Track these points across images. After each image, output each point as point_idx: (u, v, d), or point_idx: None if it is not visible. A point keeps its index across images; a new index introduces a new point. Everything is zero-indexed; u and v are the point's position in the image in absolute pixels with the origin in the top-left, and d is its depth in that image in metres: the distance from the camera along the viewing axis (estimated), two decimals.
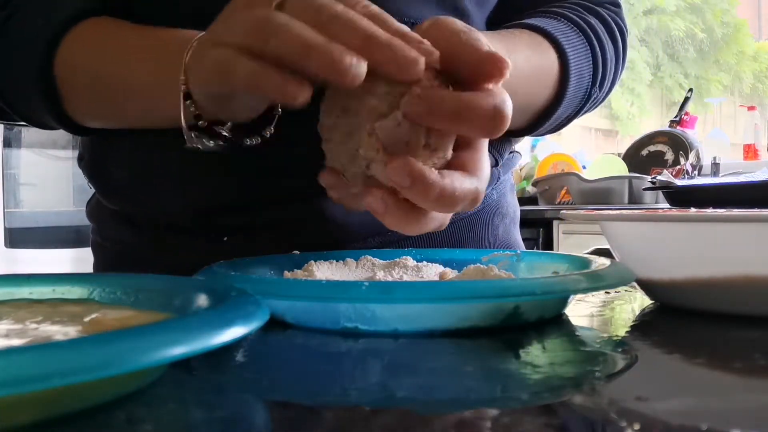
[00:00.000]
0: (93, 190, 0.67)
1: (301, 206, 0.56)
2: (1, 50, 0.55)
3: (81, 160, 0.65)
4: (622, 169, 2.72)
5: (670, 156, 2.75)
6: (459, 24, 0.40)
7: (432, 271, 0.46)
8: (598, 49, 0.60)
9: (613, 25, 0.64)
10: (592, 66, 0.60)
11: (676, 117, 2.90)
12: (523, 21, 0.59)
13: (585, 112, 0.65)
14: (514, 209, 0.73)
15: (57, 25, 0.52)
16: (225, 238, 0.57)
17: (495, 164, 0.66)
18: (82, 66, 0.52)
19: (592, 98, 0.62)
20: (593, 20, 0.62)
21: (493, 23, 0.64)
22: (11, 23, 0.54)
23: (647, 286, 0.44)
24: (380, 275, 0.44)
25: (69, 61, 0.52)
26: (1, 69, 0.55)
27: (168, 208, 0.59)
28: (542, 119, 0.60)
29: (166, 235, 0.60)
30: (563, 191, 2.64)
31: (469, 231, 0.65)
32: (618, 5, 0.67)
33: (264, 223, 0.57)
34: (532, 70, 0.56)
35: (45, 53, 0.52)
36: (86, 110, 0.55)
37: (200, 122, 0.45)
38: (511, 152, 0.70)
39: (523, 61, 0.54)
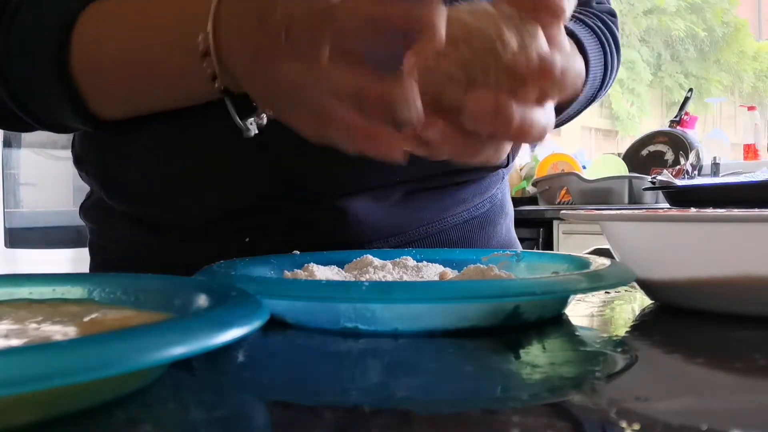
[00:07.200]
0: (88, 191, 0.66)
1: (321, 207, 0.56)
2: (11, 48, 0.52)
3: (80, 163, 0.63)
4: (622, 169, 2.72)
5: (670, 156, 2.75)
6: None
7: (432, 271, 0.46)
8: (609, 55, 0.63)
9: (613, 34, 0.66)
10: (603, 70, 0.63)
11: (676, 117, 2.89)
12: None
13: (580, 113, 0.67)
14: (511, 208, 0.74)
15: (66, 13, 0.51)
16: (247, 239, 0.57)
17: (506, 164, 0.66)
18: (99, 50, 0.51)
19: (596, 100, 0.65)
20: (603, 27, 0.65)
21: None
22: (18, 19, 0.52)
23: (647, 286, 0.44)
24: (380, 275, 0.44)
25: (85, 48, 0.50)
26: (13, 69, 0.52)
27: (184, 211, 0.58)
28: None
29: (178, 236, 0.59)
30: (563, 191, 2.64)
31: (480, 230, 0.65)
32: (615, 15, 0.70)
33: (283, 224, 0.57)
34: None
35: (58, 45, 0.50)
36: (109, 98, 0.53)
37: (217, 84, 0.45)
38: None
39: None
